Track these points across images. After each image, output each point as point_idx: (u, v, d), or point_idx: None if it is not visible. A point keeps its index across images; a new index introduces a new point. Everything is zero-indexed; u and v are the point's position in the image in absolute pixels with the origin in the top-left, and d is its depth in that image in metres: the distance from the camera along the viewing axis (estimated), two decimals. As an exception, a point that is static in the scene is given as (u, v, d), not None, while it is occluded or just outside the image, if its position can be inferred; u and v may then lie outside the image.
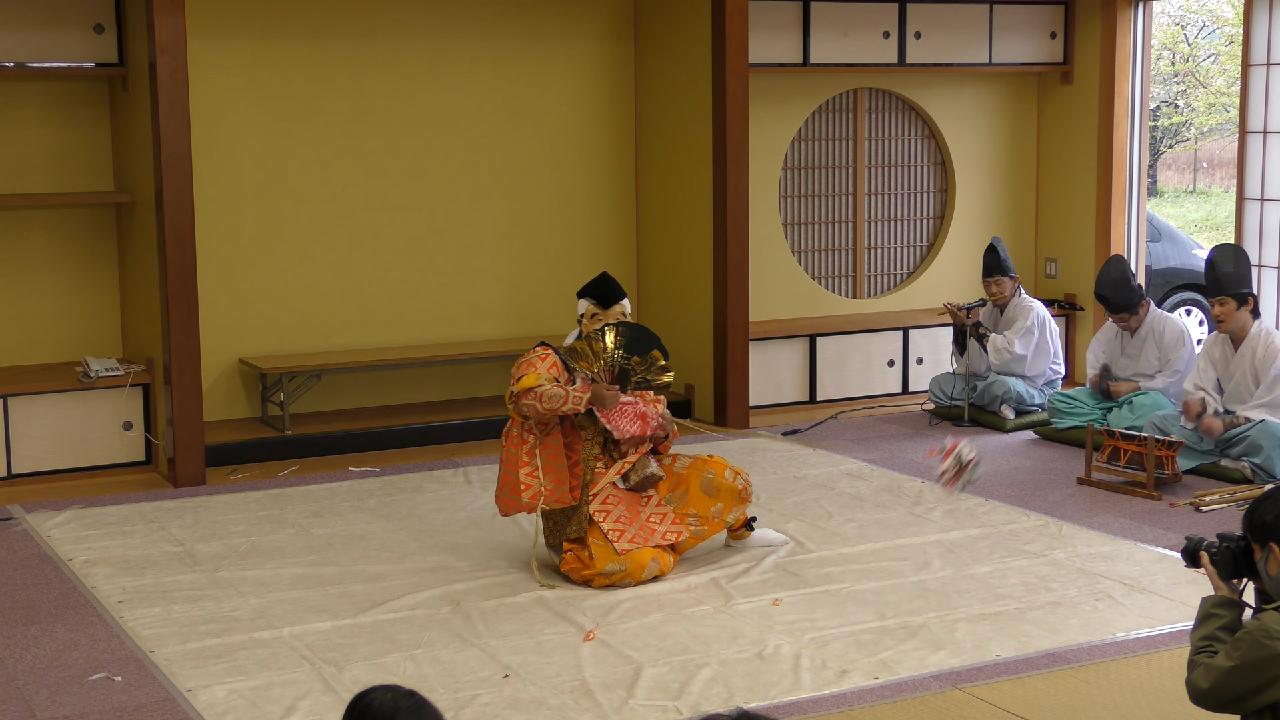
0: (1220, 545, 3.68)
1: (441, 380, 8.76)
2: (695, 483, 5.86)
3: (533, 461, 5.71)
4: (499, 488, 5.84)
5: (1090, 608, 5.39)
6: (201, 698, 4.61)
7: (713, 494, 5.84)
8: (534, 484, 5.69)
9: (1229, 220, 19.09)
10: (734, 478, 5.88)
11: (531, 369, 5.72)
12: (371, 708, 2.54)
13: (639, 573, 5.66)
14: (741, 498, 5.90)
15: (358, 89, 8.42)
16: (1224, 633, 3.59)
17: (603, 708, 4.50)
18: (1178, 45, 22.98)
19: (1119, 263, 8.04)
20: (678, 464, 5.93)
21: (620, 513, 5.75)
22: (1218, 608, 3.65)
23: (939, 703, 4.54)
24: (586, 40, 8.98)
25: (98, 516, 6.73)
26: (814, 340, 9.24)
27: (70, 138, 7.82)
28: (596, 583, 5.65)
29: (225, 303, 8.19)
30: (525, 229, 8.93)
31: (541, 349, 5.85)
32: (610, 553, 5.64)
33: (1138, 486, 7.04)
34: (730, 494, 5.87)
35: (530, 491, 5.69)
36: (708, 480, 5.86)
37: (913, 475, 7.40)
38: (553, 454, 5.74)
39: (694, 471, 5.88)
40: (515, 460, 5.72)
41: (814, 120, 9.54)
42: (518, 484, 5.70)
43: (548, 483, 5.71)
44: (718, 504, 5.85)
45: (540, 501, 5.70)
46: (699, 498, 5.85)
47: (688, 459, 5.95)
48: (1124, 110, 9.65)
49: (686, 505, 5.84)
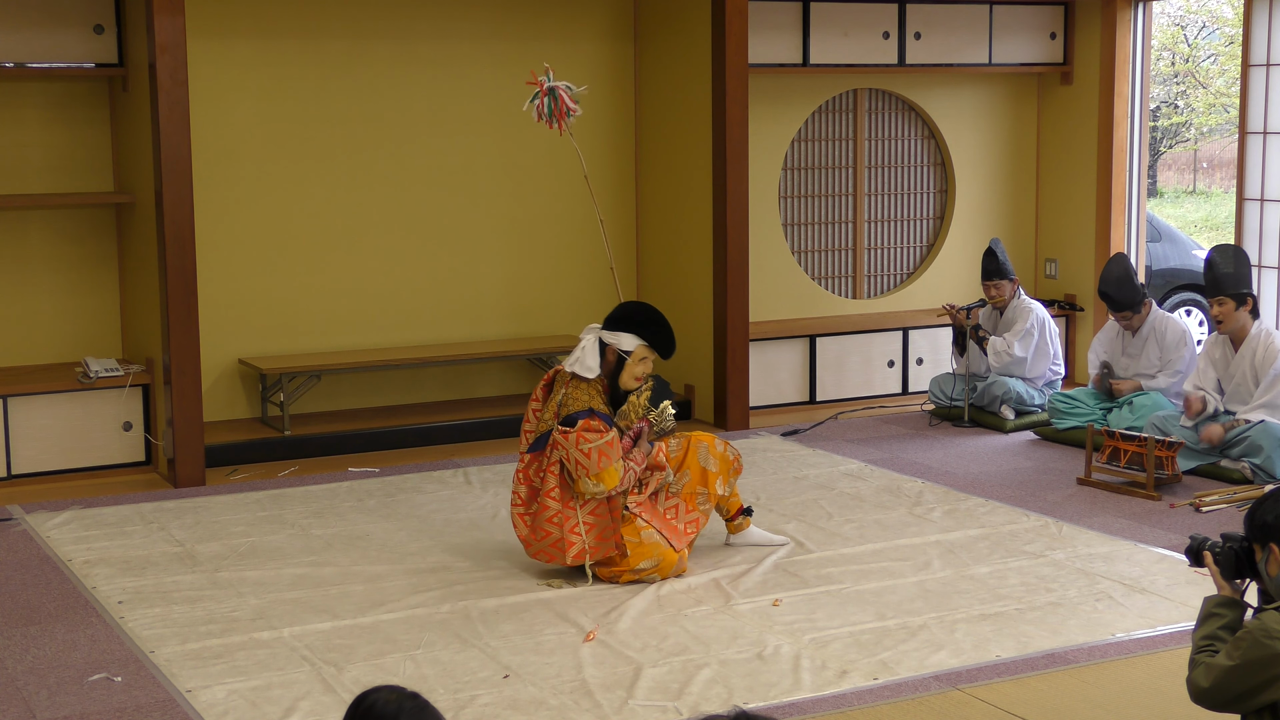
0: (1224, 545, 3.68)
1: (441, 380, 8.76)
2: (694, 459, 5.89)
3: (575, 517, 5.61)
4: (530, 538, 5.68)
5: (1090, 608, 5.39)
6: (201, 698, 4.61)
7: (712, 467, 5.88)
8: (578, 541, 5.59)
9: (1229, 220, 19.09)
10: (724, 448, 5.95)
11: (607, 461, 5.50)
12: (375, 708, 2.53)
13: (668, 570, 5.72)
14: (735, 469, 5.96)
15: (358, 90, 8.42)
16: (1225, 632, 3.60)
17: (603, 708, 4.50)
18: (1178, 45, 22.99)
19: (1122, 260, 8.04)
20: (671, 448, 5.92)
21: (654, 512, 5.79)
22: (1219, 607, 3.66)
23: (939, 703, 4.54)
24: (586, 41, 8.98)
25: (98, 517, 6.73)
26: (814, 341, 9.24)
27: (70, 138, 7.82)
28: (625, 579, 5.67)
29: (225, 303, 8.19)
30: (525, 229, 8.93)
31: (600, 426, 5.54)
32: (644, 549, 5.65)
33: (1138, 487, 7.04)
34: (724, 464, 5.92)
35: (575, 549, 5.59)
36: (703, 453, 5.90)
37: (913, 476, 7.40)
38: (596, 509, 5.64)
39: (690, 451, 5.91)
40: (560, 515, 5.58)
41: (814, 121, 9.54)
42: (562, 541, 5.58)
43: (591, 540, 5.62)
44: (717, 477, 5.89)
45: (586, 559, 5.63)
46: (701, 473, 5.88)
47: (676, 442, 5.94)
48: (1124, 111, 9.65)
49: (693, 484, 5.87)
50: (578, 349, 5.72)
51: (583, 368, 5.67)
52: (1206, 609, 3.67)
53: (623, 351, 5.68)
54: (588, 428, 5.52)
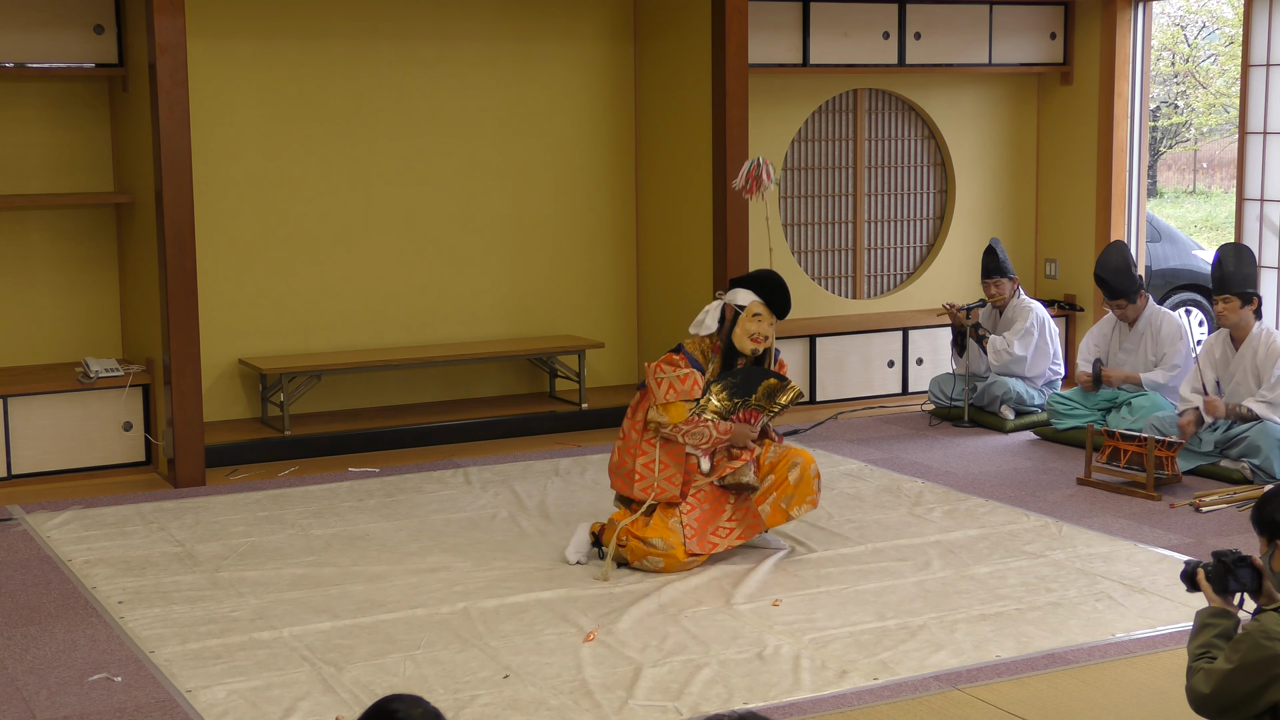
0: (1214, 561, 3.72)
1: (441, 380, 8.76)
2: (784, 470, 5.97)
3: (652, 453, 5.82)
4: (614, 464, 5.94)
5: (1090, 608, 5.39)
6: (201, 698, 4.61)
7: (797, 483, 5.94)
8: (649, 476, 5.80)
9: (1229, 221, 19.09)
10: (815, 479, 5.99)
11: (675, 394, 5.74)
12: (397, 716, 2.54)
13: (674, 567, 5.78)
14: (812, 500, 6.00)
15: (358, 90, 8.42)
16: (1220, 640, 3.62)
17: (603, 708, 4.50)
18: (1178, 46, 22.99)
19: (1121, 248, 8.01)
20: (769, 454, 6.02)
21: (701, 513, 5.86)
22: (1212, 618, 3.69)
23: (939, 703, 4.54)
24: (586, 41, 8.98)
25: (98, 517, 6.73)
26: (814, 341, 9.24)
27: (70, 138, 7.82)
28: (632, 545, 5.74)
29: (225, 303, 8.19)
30: (525, 229, 8.93)
31: (680, 361, 5.81)
32: (665, 531, 5.74)
33: (1137, 487, 7.04)
34: (808, 490, 5.97)
35: (644, 483, 5.81)
36: (795, 469, 5.96)
37: (913, 476, 7.40)
38: (674, 450, 5.83)
39: (783, 460, 5.98)
40: (636, 447, 5.83)
41: (814, 121, 9.54)
42: (633, 471, 5.83)
43: (661, 479, 5.81)
44: (793, 493, 5.93)
45: (651, 496, 5.80)
46: (784, 484, 5.95)
47: (777, 448, 6.04)
48: (1124, 111, 9.65)
49: (773, 489, 5.94)
50: (701, 313, 5.99)
51: (702, 327, 5.96)
52: (1200, 620, 3.70)
53: (738, 306, 5.92)
54: (669, 360, 5.83)
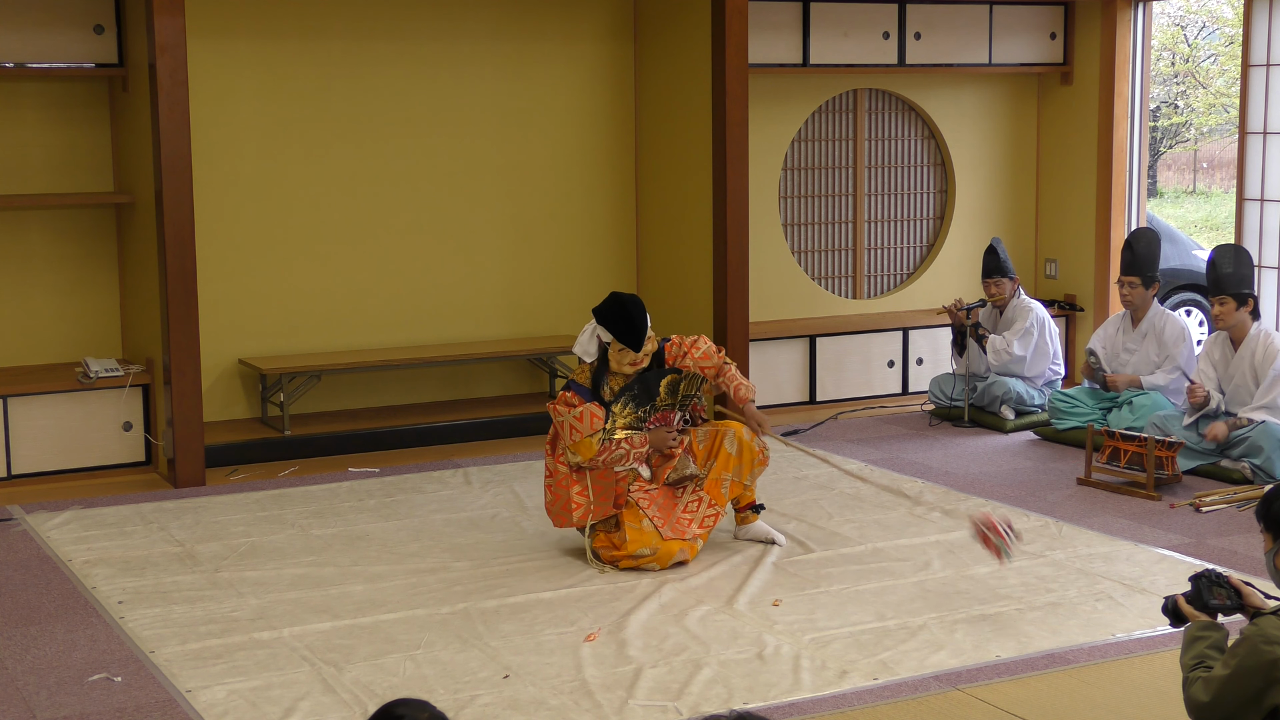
0: (1191, 584, 3.78)
1: (441, 380, 8.76)
2: (721, 444, 6.02)
3: (583, 481, 5.89)
4: (550, 503, 6.01)
5: (1090, 608, 5.39)
6: (201, 698, 4.61)
7: (738, 453, 6.00)
8: (584, 503, 5.89)
9: (1229, 221, 19.09)
10: (751, 438, 6.06)
11: (579, 434, 5.77)
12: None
13: (667, 560, 5.84)
14: (760, 460, 6.08)
15: (358, 90, 8.42)
16: (1214, 651, 3.62)
17: (603, 708, 4.50)
18: (1178, 46, 22.98)
19: (1154, 234, 8.09)
20: (698, 435, 6.06)
21: (660, 503, 5.92)
22: (1202, 630, 3.71)
23: (939, 703, 4.54)
24: (586, 41, 8.98)
25: (97, 517, 6.73)
26: (814, 341, 9.25)
27: (70, 138, 7.82)
28: (623, 564, 5.82)
29: (225, 303, 8.19)
30: (525, 229, 8.93)
31: (577, 403, 5.81)
32: (643, 537, 5.82)
33: (1138, 487, 7.03)
34: (750, 454, 6.04)
35: (580, 511, 5.89)
36: (731, 439, 6.01)
37: (913, 476, 7.40)
38: (602, 472, 5.89)
39: (716, 436, 6.04)
40: (566, 479, 5.90)
41: (814, 121, 9.54)
42: (569, 503, 5.89)
43: (596, 501, 5.88)
44: (739, 464, 6.00)
45: (589, 519, 5.89)
46: (727, 459, 6.00)
47: (704, 429, 6.09)
48: (1124, 111, 9.65)
49: (718, 470, 5.99)
50: (582, 331, 6.06)
51: (586, 354, 6.01)
52: (1189, 635, 3.72)
53: (603, 341, 5.98)
54: (564, 401, 5.86)
